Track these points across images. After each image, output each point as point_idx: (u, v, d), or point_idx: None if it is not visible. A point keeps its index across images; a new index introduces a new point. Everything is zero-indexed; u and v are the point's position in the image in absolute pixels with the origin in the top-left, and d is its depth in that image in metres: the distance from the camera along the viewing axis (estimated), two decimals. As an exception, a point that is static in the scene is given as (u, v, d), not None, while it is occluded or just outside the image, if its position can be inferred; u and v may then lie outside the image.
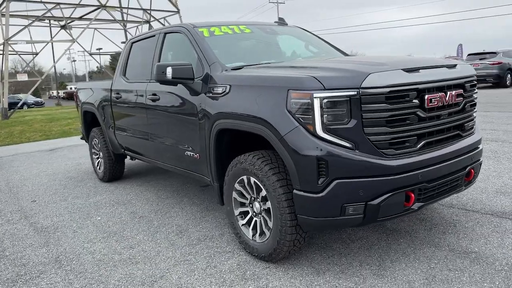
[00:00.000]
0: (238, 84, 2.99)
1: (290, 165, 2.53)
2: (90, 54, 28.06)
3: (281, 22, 4.53)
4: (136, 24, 26.13)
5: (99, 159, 5.86)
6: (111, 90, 5.00)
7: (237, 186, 3.07)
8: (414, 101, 2.53)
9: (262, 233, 2.94)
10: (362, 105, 2.41)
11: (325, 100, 2.40)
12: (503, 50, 18.40)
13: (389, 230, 3.34)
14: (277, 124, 2.57)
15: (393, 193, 2.46)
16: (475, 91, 3.02)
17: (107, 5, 22.74)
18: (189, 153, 3.59)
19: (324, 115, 2.42)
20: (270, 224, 2.82)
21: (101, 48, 37.05)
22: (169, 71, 3.28)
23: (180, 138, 3.69)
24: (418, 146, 2.60)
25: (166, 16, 25.41)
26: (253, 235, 3.02)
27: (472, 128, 3.05)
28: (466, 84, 2.87)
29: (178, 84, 3.48)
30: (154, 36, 4.31)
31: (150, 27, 25.38)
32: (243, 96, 2.89)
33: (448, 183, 2.78)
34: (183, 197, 4.71)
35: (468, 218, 3.48)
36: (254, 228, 3.03)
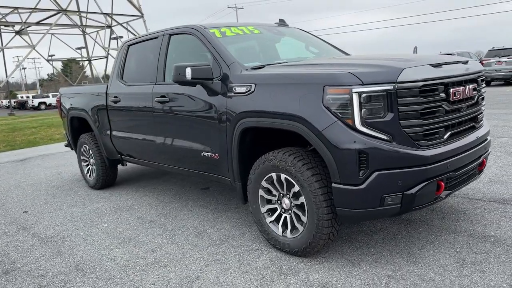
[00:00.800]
0: (265, 82, 3.03)
1: (329, 159, 2.60)
2: (49, 61, 26.93)
3: (282, 23, 4.61)
4: (97, 29, 25.41)
5: (89, 166, 5.69)
6: (106, 94, 4.88)
7: (264, 183, 3.11)
8: (441, 94, 2.68)
9: (293, 229, 2.99)
10: (398, 99, 2.52)
11: (363, 95, 2.50)
12: None
13: (406, 221, 3.48)
14: (314, 120, 2.64)
15: (427, 182, 2.59)
16: (484, 86, 3.22)
17: (67, 9, 21.94)
18: (206, 153, 3.57)
19: (363, 109, 2.51)
20: (304, 218, 2.87)
21: (53, 55, 35.78)
22: (188, 72, 3.26)
23: (196, 138, 3.67)
24: (445, 137, 2.74)
25: (130, 21, 24.93)
26: (283, 231, 3.06)
27: (482, 120, 3.25)
28: (478, 79, 3.07)
29: (192, 85, 3.46)
30: (156, 38, 4.26)
31: (112, 32, 24.78)
32: (273, 94, 2.92)
33: (468, 172, 2.95)
34: (187, 200, 4.67)
35: (474, 206, 3.69)
36: (284, 224, 3.07)
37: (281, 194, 3.05)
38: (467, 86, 2.89)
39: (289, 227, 3.02)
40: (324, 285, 2.60)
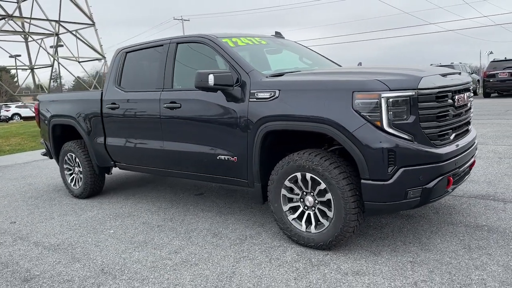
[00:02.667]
0: (290, 88, 3.26)
1: (359, 158, 2.88)
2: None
3: (279, 35, 4.88)
4: (42, 36, 24.25)
5: (73, 174, 5.55)
6: (101, 100, 4.85)
7: (287, 183, 3.32)
8: (449, 100, 3.07)
9: (318, 224, 3.22)
10: (418, 104, 2.86)
11: (390, 100, 2.81)
12: None
13: (406, 216, 3.84)
14: (345, 123, 2.91)
15: (441, 177, 2.95)
16: (472, 95, 3.69)
17: (14, 15, 20.78)
18: (223, 157, 3.72)
19: (389, 112, 2.82)
20: (330, 214, 3.12)
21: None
22: (211, 78, 3.42)
23: (211, 142, 3.80)
24: (451, 137, 3.14)
25: (80, 29, 24.07)
26: (306, 227, 3.28)
27: (471, 124, 3.71)
28: (470, 88, 3.52)
29: (214, 91, 3.61)
30: (161, 46, 4.35)
31: (59, 39, 23.78)
32: (299, 100, 3.16)
33: (465, 169, 3.37)
34: (187, 206, 4.74)
35: (459, 202, 4.15)
36: (307, 220, 3.29)
37: (304, 193, 3.28)
38: (465, 94, 3.32)
39: (313, 223, 3.24)
40: (357, 273, 2.85)
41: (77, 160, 5.39)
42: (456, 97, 3.15)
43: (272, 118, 3.30)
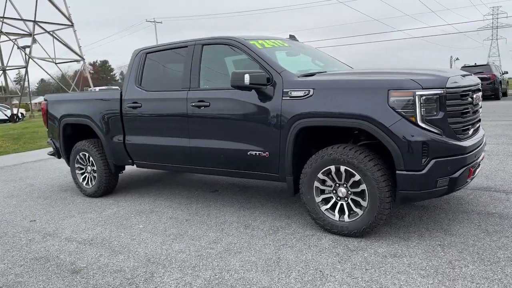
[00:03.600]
0: (325, 87, 3.51)
1: (395, 150, 3.15)
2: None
3: (293, 38, 5.14)
4: (17, 37, 23.55)
5: (85, 173, 5.60)
6: (121, 100, 4.95)
7: (320, 175, 3.56)
8: (469, 98, 3.41)
9: (351, 213, 3.47)
10: (446, 101, 3.17)
11: (423, 97, 3.11)
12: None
13: (421, 207, 4.16)
14: (381, 118, 3.18)
15: (465, 168, 3.27)
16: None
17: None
18: (254, 152, 3.91)
19: (422, 109, 3.12)
20: (364, 203, 3.38)
21: None
22: (246, 78, 3.63)
23: (242, 139, 3.98)
24: (470, 132, 3.47)
25: (57, 29, 23.51)
26: (339, 217, 3.52)
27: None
28: (480, 88, 3.88)
29: (248, 90, 3.81)
30: (185, 47, 4.51)
31: (34, 40, 23.15)
32: (335, 98, 3.41)
33: (478, 163, 3.71)
34: (207, 202, 4.90)
35: (465, 193, 4.51)
36: (339, 210, 3.53)
37: (337, 184, 3.52)
38: (478, 94, 3.67)
39: (346, 212, 3.49)
40: (395, 255, 3.12)
41: (90, 159, 5.44)
42: (474, 95, 3.49)
43: (307, 115, 3.53)
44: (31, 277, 3.20)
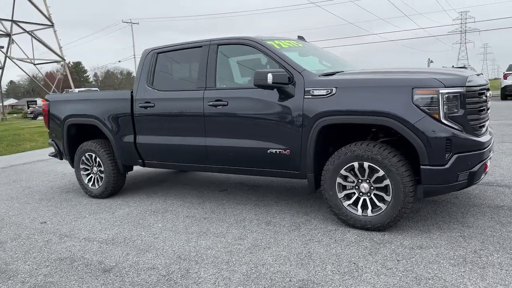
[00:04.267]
0: (347, 86, 3.62)
1: (420, 146, 3.29)
2: None
3: (302, 39, 5.24)
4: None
5: (91, 174, 5.54)
6: (132, 100, 4.94)
7: (343, 172, 3.67)
8: (483, 97, 3.59)
9: (375, 208, 3.59)
10: (466, 99, 3.34)
11: (446, 95, 3.26)
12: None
13: (433, 202, 4.32)
14: (406, 116, 3.31)
15: (482, 163, 3.44)
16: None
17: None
18: (274, 150, 3.99)
19: (445, 106, 3.27)
20: (388, 198, 3.50)
21: None
22: (269, 77, 3.71)
23: (262, 137, 4.05)
24: (483, 129, 3.66)
25: (37, 29, 22.89)
26: (362, 211, 3.64)
27: None
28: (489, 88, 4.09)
29: (271, 89, 3.89)
30: (200, 47, 4.54)
31: (12, 41, 22.46)
32: (358, 96, 3.53)
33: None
34: (220, 200, 4.94)
35: (471, 189, 4.70)
36: (362, 205, 3.65)
37: (359, 180, 3.64)
38: (489, 93, 3.86)
39: (369, 207, 3.61)
40: (421, 246, 3.25)
41: (97, 159, 5.39)
42: (488, 94, 3.68)
43: (330, 113, 3.64)
44: (62, 277, 3.17)
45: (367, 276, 2.85)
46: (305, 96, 3.78)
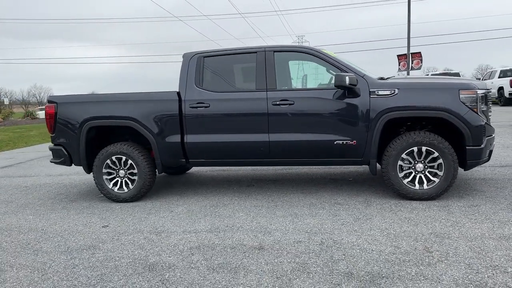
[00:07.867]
0: (407, 87, 4.63)
1: (466, 131, 4.47)
2: None
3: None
4: None
5: (117, 178, 5.37)
6: (180, 100, 5.08)
7: (404, 155, 4.65)
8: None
9: (429, 182, 4.65)
10: (486, 99, 4.69)
11: (480, 95, 4.54)
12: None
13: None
14: (457, 110, 4.47)
15: (494, 145, 4.84)
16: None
17: None
18: (341, 141, 4.75)
19: (480, 103, 4.55)
20: (440, 173, 4.60)
21: None
22: (347, 79, 4.50)
23: (329, 131, 4.75)
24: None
25: None
26: (419, 186, 4.67)
27: None
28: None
29: (347, 89, 4.66)
30: (255, 53, 5.03)
31: None
32: (417, 95, 4.57)
33: None
34: (255, 195, 5.36)
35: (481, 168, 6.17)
36: (419, 181, 4.68)
37: (416, 161, 4.67)
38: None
39: (425, 182, 4.66)
40: (474, 205, 4.40)
41: (128, 162, 5.28)
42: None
43: (395, 108, 4.59)
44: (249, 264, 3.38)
45: (475, 228, 3.85)
46: (371, 96, 4.66)
